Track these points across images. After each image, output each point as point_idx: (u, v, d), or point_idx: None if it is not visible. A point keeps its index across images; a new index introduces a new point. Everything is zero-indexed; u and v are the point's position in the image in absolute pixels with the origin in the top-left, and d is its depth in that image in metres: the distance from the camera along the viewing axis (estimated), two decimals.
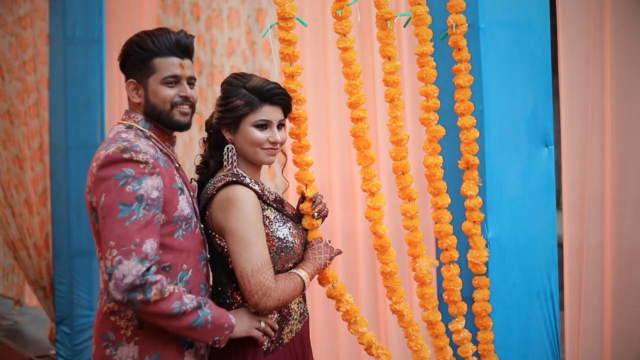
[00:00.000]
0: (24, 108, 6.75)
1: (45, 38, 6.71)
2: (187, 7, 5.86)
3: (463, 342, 3.08)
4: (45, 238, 6.62)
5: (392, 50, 2.96)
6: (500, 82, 3.18)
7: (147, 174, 2.49)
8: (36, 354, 6.91)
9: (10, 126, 6.78)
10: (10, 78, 6.80)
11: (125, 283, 2.38)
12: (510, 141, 3.20)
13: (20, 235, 6.73)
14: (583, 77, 3.65)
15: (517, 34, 3.23)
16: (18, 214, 6.74)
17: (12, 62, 6.80)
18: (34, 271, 6.67)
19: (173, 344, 2.61)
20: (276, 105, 2.78)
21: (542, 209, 3.27)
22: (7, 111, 6.78)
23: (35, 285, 6.70)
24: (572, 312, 3.71)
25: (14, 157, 6.75)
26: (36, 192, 6.66)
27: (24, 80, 6.75)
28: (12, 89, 6.78)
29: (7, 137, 6.80)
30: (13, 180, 6.77)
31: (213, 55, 5.63)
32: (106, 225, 2.44)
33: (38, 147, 6.69)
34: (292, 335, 2.80)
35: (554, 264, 3.29)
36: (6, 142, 6.79)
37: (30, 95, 6.73)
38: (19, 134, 6.74)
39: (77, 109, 6.21)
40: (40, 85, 6.71)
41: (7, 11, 6.81)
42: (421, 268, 3.00)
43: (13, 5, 6.79)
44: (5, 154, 6.80)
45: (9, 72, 6.80)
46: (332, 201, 4.78)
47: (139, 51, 2.66)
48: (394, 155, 2.99)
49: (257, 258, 2.62)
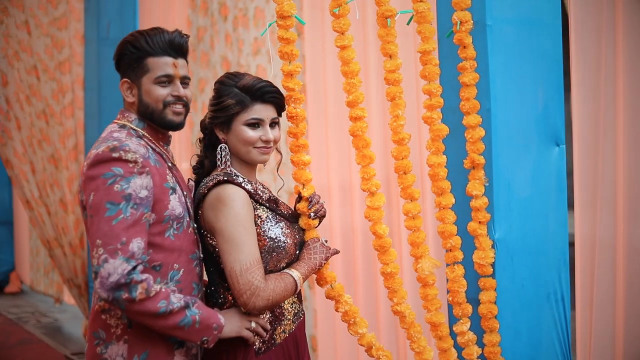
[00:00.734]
0: (59, 108, 6.81)
1: (81, 39, 6.78)
2: (215, 6, 5.87)
3: (468, 345, 3.04)
4: (80, 237, 6.68)
5: (393, 48, 2.93)
6: (509, 80, 3.13)
7: (136, 173, 2.50)
8: (73, 352, 6.98)
9: (46, 126, 6.85)
10: (46, 78, 6.87)
11: (110, 281, 2.39)
12: (518, 140, 3.15)
13: (55, 233, 6.80)
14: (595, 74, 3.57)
15: (526, 31, 3.17)
16: (53, 213, 6.81)
17: (48, 62, 6.87)
18: (69, 269, 6.74)
19: (162, 343, 2.61)
20: (268, 104, 2.77)
21: (553, 209, 3.21)
22: (42, 111, 6.86)
23: (71, 283, 6.77)
24: (584, 312, 3.63)
25: (49, 157, 6.82)
26: (71, 191, 6.73)
27: (59, 80, 6.82)
28: (48, 89, 6.85)
29: (42, 137, 6.88)
30: (48, 180, 6.84)
31: (240, 54, 5.63)
32: (94, 223, 2.46)
33: (73, 146, 6.76)
34: (285, 336, 2.78)
35: (565, 265, 3.22)
36: (42, 142, 6.87)
37: (66, 95, 6.79)
38: (54, 134, 6.81)
39: (112, 109, 6.22)
40: (75, 86, 6.78)
41: (42, 12, 6.88)
42: (423, 269, 2.96)
43: (49, 7, 6.85)
44: (41, 153, 6.88)
45: (45, 73, 6.87)
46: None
47: (133, 51, 2.68)
48: (395, 155, 2.95)
49: (246, 257, 2.61)
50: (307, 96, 5.05)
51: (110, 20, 6.38)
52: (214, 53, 5.92)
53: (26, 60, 6.97)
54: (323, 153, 4.92)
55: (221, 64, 5.83)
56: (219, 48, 5.87)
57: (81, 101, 6.72)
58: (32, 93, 6.93)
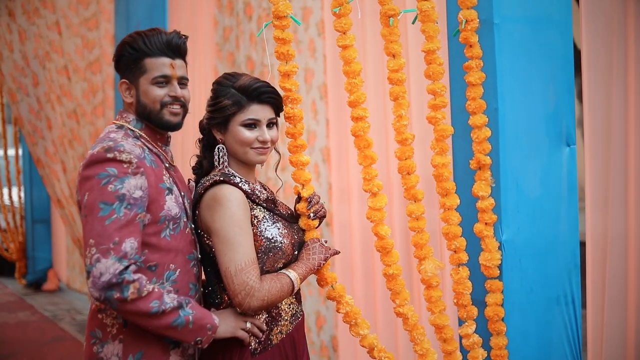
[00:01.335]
0: (90, 108, 6.88)
1: (111, 39, 6.84)
2: (241, 6, 5.88)
3: (473, 347, 3.00)
4: None
5: (396, 47, 2.90)
6: (517, 79, 3.08)
7: (131, 173, 2.50)
8: None
9: (77, 126, 6.92)
10: (77, 79, 6.94)
11: (102, 281, 2.40)
12: (527, 140, 3.10)
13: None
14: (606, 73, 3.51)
15: (535, 30, 3.11)
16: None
17: (78, 62, 6.94)
18: None
19: (157, 343, 2.61)
20: (265, 104, 2.76)
21: (564, 211, 3.15)
22: (73, 111, 6.93)
23: None
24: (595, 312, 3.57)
25: (80, 156, 6.89)
26: None
27: (90, 80, 6.89)
28: (79, 89, 6.92)
29: (73, 137, 6.95)
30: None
31: (264, 54, 5.63)
32: (87, 223, 2.47)
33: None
34: (282, 337, 2.77)
35: (575, 267, 3.17)
36: (73, 141, 6.95)
37: (96, 95, 6.86)
38: (85, 134, 6.88)
39: None
40: (105, 86, 6.84)
41: (73, 13, 6.95)
42: (426, 270, 2.93)
43: (79, 7, 6.92)
44: (72, 152, 6.96)
45: (75, 73, 6.94)
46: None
47: (131, 51, 2.68)
48: (399, 155, 2.92)
49: (241, 258, 2.60)
50: (328, 96, 5.04)
51: (140, 20, 6.41)
52: (239, 53, 5.93)
53: (57, 60, 7.05)
54: (343, 155, 4.90)
55: (246, 63, 5.84)
56: (244, 48, 5.88)
57: (112, 101, 6.78)
58: (63, 93, 7.01)
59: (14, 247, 10.46)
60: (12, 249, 10.50)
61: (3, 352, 7.12)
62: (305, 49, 5.23)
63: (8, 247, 10.62)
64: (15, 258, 10.44)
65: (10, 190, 10.61)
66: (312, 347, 5.30)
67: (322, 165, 5.09)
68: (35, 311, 8.85)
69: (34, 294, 9.94)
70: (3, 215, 10.63)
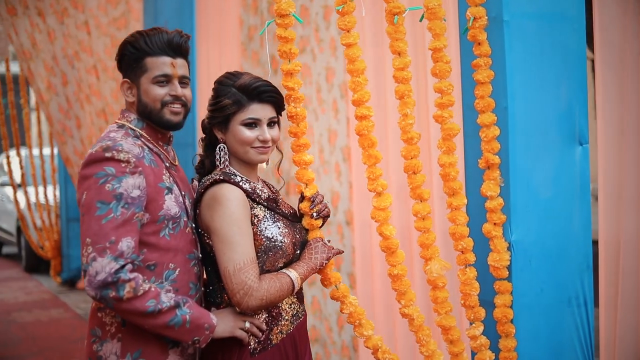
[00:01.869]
0: (118, 107, 6.92)
1: None
2: (265, 5, 5.87)
3: (481, 349, 2.96)
4: None
5: (402, 45, 2.86)
6: (528, 78, 3.02)
7: (129, 172, 2.51)
8: None
9: (106, 125, 6.97)
10: (105, 78, 6.99)
11: (97, 280, 2.41)
12: (538, 139, 3.04)
13: None
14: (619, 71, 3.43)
15: (547, 26, 3.06)
16: None
17: (107, 62, 6.99)
18: None
19: (156, 342, 2.61)
20: (265, 103, 2.75)
21: (576, 211, 3.09)
22: (102, 110, 6.98)
23: None
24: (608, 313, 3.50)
25: None
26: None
27: (118, 80, 6.91)
28: (107, 88, 6.97)
29: None
30: None
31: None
32: (84, 222, 2.48)
33: None
34: (282, 336, 2.75)
35: (588, 269, 3.10)
36: None
37: None
38: None
39: None
40: None
41: (102, 13, 7.00)
42: (431, 271, 2.89)
43: (108, 7, 6.98)
44: None
45: (104, 72, 7.00)
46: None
47: (133, 51, 2.69)
48: (404, 154, 2.89)
49: (240, 257, 2.59)
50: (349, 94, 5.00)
51: (168, 19, 6.45)
52: (263, 52, 5.92)
53: (86, 60, 7.10)
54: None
55: (270, 62, 5.83)
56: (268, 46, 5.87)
57: None
58: (92, 92, 7.06)
59: (49, 245, 10.57)
60: (47, 247, 10.61)
61: (33, 349, 7.21)
62: (326, 47, 5.20)
63: (43, 245, 10.74)
64: (51, 256, 10.55)
65: (46, 188, 10.72)
66: (334, 347, 5.28)
67: (343, 164, 5.06)
68: (68, 309, 8.95)
69: (69, 291, 10.04)
70: (38, 213, 10.75)
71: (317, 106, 5.30)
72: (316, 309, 5.49)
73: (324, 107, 5.23)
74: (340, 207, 5.13)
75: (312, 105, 5.34)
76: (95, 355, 2.62)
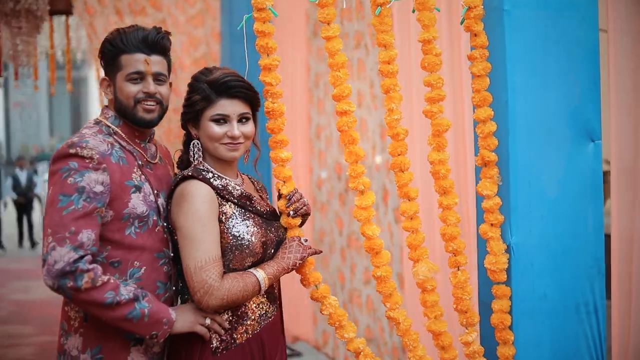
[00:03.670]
0: None
1: (217, 36, 6.95)
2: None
3: (474, 357, 2.81)
4: None
5: (388, 38, 2.75)
6: (531, 71, 2.84)
7: (92, 168, 2.52)
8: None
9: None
10: (183, 76, 7.07)
11: (55, 269, 2.42)
12: (542, 135, 2.85)
13: None
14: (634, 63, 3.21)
15: (552, 16, 2.86)
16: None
17: (185, 60, 7.09)
18: None
19: (117, 338, 2.61)
20: (235, 99, 2.70)
21: (586, 212, 2.89)
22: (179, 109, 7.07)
23: None
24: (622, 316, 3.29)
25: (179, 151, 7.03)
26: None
27: None
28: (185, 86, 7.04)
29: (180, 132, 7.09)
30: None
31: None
32: (47, 215, 2.50)
33: None
34: (247, 336, 2.68)
35: (599, 273, 2.90)
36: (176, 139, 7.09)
37: None
38: None
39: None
40: None
41: (179, 11, 7.09)
42: (418, 273, 2.77)
43: (185, 5, 7.07)
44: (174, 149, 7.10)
45: (182, 71, 7.08)
46: None
47: (110, 48, 2.71)
48: (390, 151, 2.78)
49: (202, 255, 2.55)
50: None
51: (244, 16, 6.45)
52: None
53: None
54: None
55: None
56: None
57: None
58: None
59: None
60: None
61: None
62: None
63: None
64: None
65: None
66: (385, 348, 5.19)
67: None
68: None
69: None
70: None
71: (370, 102, 5.20)
72: (370, 309, 5.41)
73: (375, 103, 5.13)
74: (390, 205, 5.01)
75: (366, 101, 5.25)
76: (62, 349, 2.66)
